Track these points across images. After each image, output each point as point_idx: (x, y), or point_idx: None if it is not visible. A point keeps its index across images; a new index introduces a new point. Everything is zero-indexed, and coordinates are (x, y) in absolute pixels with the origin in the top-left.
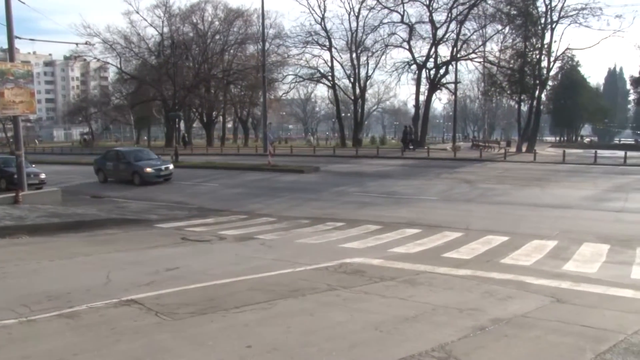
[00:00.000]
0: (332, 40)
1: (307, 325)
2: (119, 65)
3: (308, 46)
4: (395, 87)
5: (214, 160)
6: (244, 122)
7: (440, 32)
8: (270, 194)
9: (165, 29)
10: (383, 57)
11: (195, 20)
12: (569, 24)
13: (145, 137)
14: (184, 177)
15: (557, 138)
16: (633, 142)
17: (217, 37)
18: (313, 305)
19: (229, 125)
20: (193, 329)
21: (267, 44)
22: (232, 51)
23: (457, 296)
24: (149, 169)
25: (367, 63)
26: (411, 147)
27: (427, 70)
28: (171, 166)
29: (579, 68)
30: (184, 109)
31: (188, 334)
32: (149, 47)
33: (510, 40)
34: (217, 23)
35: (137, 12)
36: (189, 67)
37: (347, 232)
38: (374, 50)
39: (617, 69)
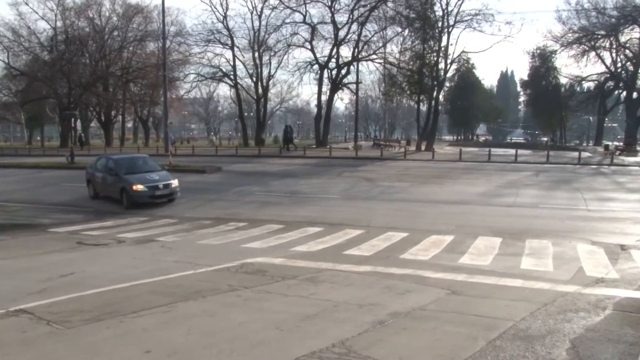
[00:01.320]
0: (235, 39)
1: (208, 327)
2: (6, 60)
3: (210, 45)
4: (297, 87)
5: None
6: (144, 122)
7: (342, 33)
8: None
9: (59, 23)
10: (285, 56)
11: (91, 15)
12: (464, 29)
13: (39, 138)
14: (80, 179)
15: (455, 137)
16: (523, 141)
17: (116, 33)
18: (214, 306)
19: (129, 125)
20: (88, 338)
21: (168, 42)
22: (131, 48)
23: (358, 292)
24: (139, 186)
25: (270, 62)
26: (291, 147)
27: (329, 71)
28: (174, 182)
29: (474, 70)
30: (80, 108)
31: (83, 342)
32: (40, 41)
33: (410, 43)
34: (115, 18)
35: (27, 4)
36: (85, 64)
37: (249, 232)
38: (276, 50)
39: (509, 72)
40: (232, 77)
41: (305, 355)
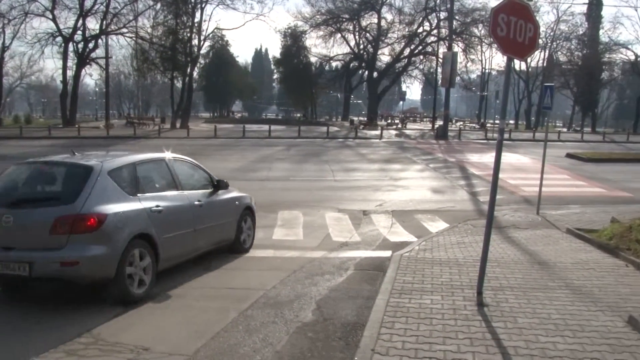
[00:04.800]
0: None
1: None
2: None
3: None
4: (39, 61)
5: None
6: None
7: (88, 3)
8: None
9: None
10: (23, 25)
11: None
12: (217, 5)
13: None
14: None
15: (211, 114)
16: (278, 117)
17: None
18: None
19: None
20: None
21: None
22: None
23: None
24: None
25: (4, 31)
26: None
27: (74, 44)
28: None
29: (229, 47)
30: None
31: None
32: None
33: (162, 17)
34: None
35: None
36: None
37: None
38: (11, 18)
39: (263, 50)
40: None
41: (50, 350)
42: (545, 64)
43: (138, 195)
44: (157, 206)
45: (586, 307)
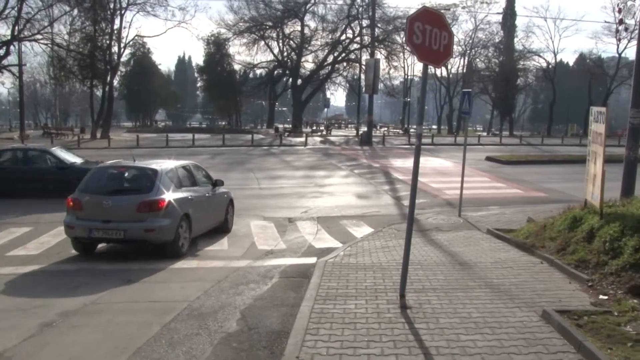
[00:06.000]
0: None
1: None
2: None
3: None
4: None
5: None
6: None
7: None
8: None
9: None
10: None
11: None
12: (138, 12)
13: None
14: None
15: (134, 123)
16: (203, 126)
17: None
18: None
19: None
20: None
21: None
22: None
23: (21, 295)
24: None
25: None
26: None
27: None
28: None
29: (150, 55)
30: None
31: None
32: None
33: (80, 24)
34: None
35: None
36: None
37: None
38: None
39: (187, 58)
40: None
41: None
42: (465, 71)
43: (182, 188)
44: (191, 196)
45: (504, 305)
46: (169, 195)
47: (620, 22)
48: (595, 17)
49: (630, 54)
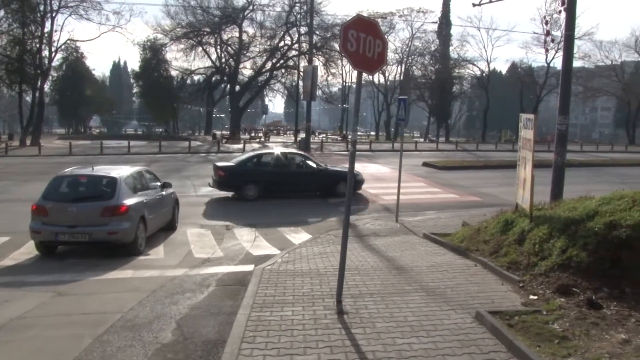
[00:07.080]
0: None
1: None
2: None
3: None
4: None
5: None
6: None
7: None
8: None
9: None
10: None
11: None
12: (70, 15)
13: None
14: None
15: (67, 130)
16: (139, 133)
17: None
18: None
19: None
20: None
21: None
22: None
23: None
24: None
25: None
26: None
27: None
28: None
29: (84, 60)
30: None
31: None
32: None
33: (7, 26)
34: None
35: None
36: None
37: None
38: None
39: (122, 63)
40: None
41: None
42: (402, 78)
43: (137, 193)
44: (145, 199)
45: (439, 307)
46: (129, 201)
47: (548, 33)
48: (526, 28)
49: (558, 63)
